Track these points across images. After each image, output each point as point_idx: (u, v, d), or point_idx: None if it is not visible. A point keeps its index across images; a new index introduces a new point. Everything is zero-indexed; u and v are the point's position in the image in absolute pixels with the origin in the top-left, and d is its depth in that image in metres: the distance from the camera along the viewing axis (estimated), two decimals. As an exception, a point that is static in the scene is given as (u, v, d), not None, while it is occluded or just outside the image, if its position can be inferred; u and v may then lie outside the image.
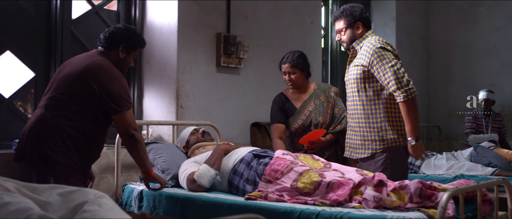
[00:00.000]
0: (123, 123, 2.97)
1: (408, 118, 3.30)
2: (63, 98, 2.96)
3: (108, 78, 2.95)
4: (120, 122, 2.97)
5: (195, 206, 3.26)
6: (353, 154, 3.57)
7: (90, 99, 2.95)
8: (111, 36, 3.09)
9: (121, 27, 3.13)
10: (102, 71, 2.96)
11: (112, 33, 3.09)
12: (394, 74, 3.28)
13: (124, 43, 3.09)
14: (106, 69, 2.97)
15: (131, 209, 3.65)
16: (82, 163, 3.04)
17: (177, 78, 4.44)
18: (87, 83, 2.94)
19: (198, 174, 3.39)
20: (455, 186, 2.78)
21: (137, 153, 3.09)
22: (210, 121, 4.57)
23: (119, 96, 2.95)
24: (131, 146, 3.04)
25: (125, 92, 2.99)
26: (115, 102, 2.94)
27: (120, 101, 2.95)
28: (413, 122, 3.30)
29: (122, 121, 2.97)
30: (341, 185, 2.90)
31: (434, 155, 5.28)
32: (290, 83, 4.01)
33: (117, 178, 3.77)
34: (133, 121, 3.03)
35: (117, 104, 2.94)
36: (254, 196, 3.09)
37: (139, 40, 3.17)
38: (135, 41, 3.14)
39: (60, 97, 2.97)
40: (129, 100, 3.02)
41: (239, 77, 4.98)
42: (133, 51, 3.15)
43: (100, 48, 3.11)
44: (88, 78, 2.94)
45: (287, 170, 3.16)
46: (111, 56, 3.09)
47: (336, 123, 4.03)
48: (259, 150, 3.54)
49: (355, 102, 3.51)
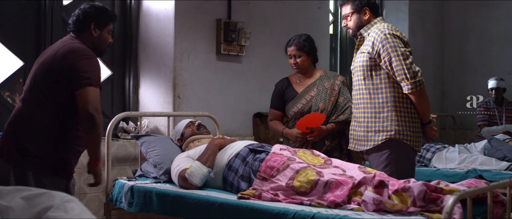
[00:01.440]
0: (83, 100, 2.73)
1: (418, 107, 3.20)
2: (40, 88, 2.81)
3: (78, 57, 2.77)
4: (80, 98, 2.74)
5: (186, 204, 3.07)
6: (357, 146, 3.38)
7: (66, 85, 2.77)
8: (79, 18, 2.93)
9: (87, 6, 2.96)
10: (74, 52, 2.79)
11: (79, 15, 2.93)
12: (402, 64, 3.08)
13: (94, 21, 2.93)
14: (78, 50, 2.81)
15: (121, 205, 3.48)
16: (64, 156, 2.85)
17: (174, 67, 4.24)
18: (60, 68, 2.78)
19: (190, 172, 3.19)
20: (464, 186, 2.55)
21: (92, 138, 2.80)
22: (210, 111, 4.36)
23: (84, 71, 2.74)
24: (87, 128, 2.77)
25: (92, 70, 2.78)
26: (78, 76, 2.74)
27: (83, 75, 2.74)
28: (423, 110, 3.21)
29: (82, 97, 2.73)
30: (340, 185, 2.69)
31: (445, 148, 5.02)
32: (295, 66, 3.85)
33: (108, 172, 3.60)
34: (96, 101, 2.76)
35: (80, 78, 2.74)
36: (247, 195, 2.89)
37: (108, 14, 3.01)
38: (105, 16, 2.98)
39: (37, 88, 2.82)
40: (96, 78, 2.78)
41: (240, 65, 4.76)
42: (105, 26, 2.97)
43: (72, 33, 2.94)
44: (61, 62, 2.79)
45: (283, 167, 2.95)
46: (85, 38, 2.93)
47: (339, 113, 3.81)
48: (255, 145, 3.33)
49: (361, 91, 3.31)
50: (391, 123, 3.19)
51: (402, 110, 3.20)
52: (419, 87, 3.10)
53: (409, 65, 3.09)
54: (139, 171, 3.74)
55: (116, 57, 4.39)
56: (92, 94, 2.75)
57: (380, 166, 3.26)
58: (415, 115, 3.23)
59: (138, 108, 4.45)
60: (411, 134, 3.21)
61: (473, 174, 4.43)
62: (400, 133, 3.18)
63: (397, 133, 3.18)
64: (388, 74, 3.18)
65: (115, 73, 4.39)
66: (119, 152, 3.93)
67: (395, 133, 3.19)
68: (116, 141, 3.95)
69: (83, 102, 2.73)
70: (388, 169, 3.23)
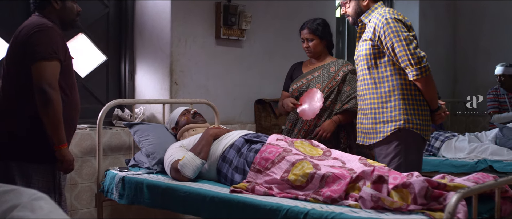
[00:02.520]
0: (36, 75, 2.55)
1: (425, 94, 3.05)
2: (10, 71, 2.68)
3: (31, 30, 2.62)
4: (33, 73, 2.57)
5: (176, 197, 2.93)
6: (366, 140, 3.22)
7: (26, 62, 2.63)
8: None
9: None
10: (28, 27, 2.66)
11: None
12: (405, 50, 2.91)
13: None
14: (32, 23, 2.66)
15: (112, 197, 3.34)
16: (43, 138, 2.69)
17: (171, 52, 4.07)
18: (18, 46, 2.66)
19: (182, 164, 3.04)
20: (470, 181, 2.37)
21: (47, 117, 2.60)
22: (209, 98, 4.20)
23: (36, 45, 2.58)
24: (40, 105, 2.59)
25: (45, 42, 2.59)
26: (31, 50, 2.58)
27: (36, 49, 2.58)
28: (431, 97, 3.06)
29: (35, 72, 2.56)
30: (337, 179, 2.52)
31: (455, 136, 4.81)
32: (307, 50, 3.77)
33: (99, 162, 3.45)
34: (51, 76, 2.58)
35: (33, 52, 2.58)
36: (239, 189, 2.74)
37: None
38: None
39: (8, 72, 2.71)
40: (50, 51, 2.59)
41: (241, 50, 4.58)
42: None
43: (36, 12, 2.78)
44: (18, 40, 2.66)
45: (278, 159, 2.79)
46: (49, 13, 2.77)
47: (344, 102, 3.65)
48: (251, 135, 3.17)
49: (365, 81, 3.14)
50: (399, 112, 3.03)
51: (410, 98, 3.04)
52: (425, 73, 2.93)
53: (413, 50, 2.91)
54: (133, 161, 3.60)
55: (111, 42, 4.23)
56: (46, 68, 2.58)
57: (388, 157, 3.11)
58: (423, 102, 3.08)
59: (134, 95, 4.30)
60: (421, 123, 3.06)
61: (483, 164, 4.23)
62: (409, 122, 3.02)
63: (406, 122, 3.03)
64: (393, 61, 3.01)
65: (110, 59, 4.23)
66: (112, 141, 3.79)
67: (404, 122, 3.03)
68: (109, 130, 3.80)
69: (36, 77, 2.57)
70: (396, 160, 3.09)
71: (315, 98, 3.56)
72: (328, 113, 3.68)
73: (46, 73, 2.57)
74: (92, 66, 4.13)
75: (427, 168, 4.46)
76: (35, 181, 2.66)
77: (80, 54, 4.03)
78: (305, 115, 3.59)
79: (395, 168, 3.06)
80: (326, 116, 3.67)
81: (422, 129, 3.04)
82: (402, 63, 2.94)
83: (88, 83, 4.10)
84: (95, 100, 4.09)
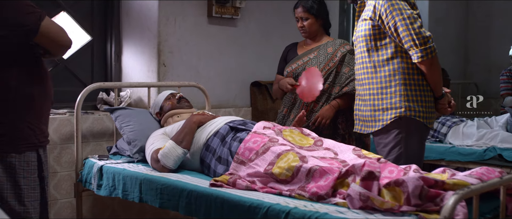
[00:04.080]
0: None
1: (428, 78, 2.78)
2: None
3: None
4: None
5: (154, 189, 2.71)
6: (364, 128, 2.98)
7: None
8: None
9: None
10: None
11: None
12: (409, 29, 2.65)
13: None
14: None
15: (90, 187, 3.14)
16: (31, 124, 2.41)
17: (159, 32, 3.82)
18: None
19: (163, 153, 2.81)
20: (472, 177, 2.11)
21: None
22: (200, 81, 3.96)
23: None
24: None
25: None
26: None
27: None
28: (435, 82, 2.79)
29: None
30: (324, 174, 2.27)
31: (463, 122, 4.52)
32: (302, 30, 3.51)
33: (77, 150, 3.23)
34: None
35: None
36: (220, 182, 2.50)
37: None
38: None
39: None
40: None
41: (236, 29, 4.31)
42: None
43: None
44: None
45: (263, 149, 2.54)
46: None
47: (343, 84, 3.39)
48: (237, 122, 2.93)
49: (364, 64, 2.89)
50: (400, 99, 2.78)
51: (412, 83, 2.78)
52: (431, 55, 2.67)
53: (418, 29, 2.65)
54: (114, 148, 3.39)
55: (96, 20, 3.98)
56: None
57: (387, 147, 2.87)
58: (427, 87, 2.82)
59: (121, 77, 4.06)
60: (423, 109, 2.81)
61: (492, 152, 3.95)
62: (410, 109, 2.77)
63: (408, 110, 2.77)
64: (395, 43, 2.75)
65: (95, 39, 3.99)
66: (94, 127, 3.56)
67: (405, 109, 2.78)
68: (91, 115, 3.57)
69: None
70: (396, 151, 2.84)
71: (316, 78, 3.31)
72: (326, 97, 3.43)
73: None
74: (75, 47, 3.89)
75: (432, 155, 4.19)
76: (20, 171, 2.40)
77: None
78: (305, 97, 3.35)
79: (394, 158, 2.83)
80: (324, 100, 3.42)
81: (425, 116, 2.79)
82: (406, 44, 2.68)
83: (71, 65, 3.87)
84: (79, 83, 3.86)
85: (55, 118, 3.37)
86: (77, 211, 3.27)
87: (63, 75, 3.82)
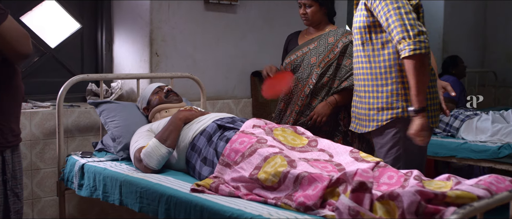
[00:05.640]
0: None
1: (411, 79, 2.40)
2: None
3: None
4: None
5: (133, 192, 2.52)
6: (359, 127, 2.76)
7: None
8: None
9: None
10: None
11: None
12: (401, 19, 2.39)
13: None
14: None
15: (72, 186, 2.95)
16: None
17: (151, 19, 3.59)
18: None
19: (145, 153, 2.61)
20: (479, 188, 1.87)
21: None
22: (196, 71, 3.74)
23: None
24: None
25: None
26: None
27: None
28: (418, 86, 2.39)
29: None
30: (313, 182, 2.04)
31: (477, 115, 4.22)
32: (304, 17, 3.24)
33: (59, 146, 3.03)
34: None
35: None
36: (202, 187, 2.29)
37: None
38: None
39: None
40: None
41: (235, 16, 4.06)
42: None
43: None
44: None
45: (249, 152, 2.32)
46: None
47: (342, 78, 3.14)
48: (225, 119, 2.70)
49: (360, 58, 2.66)
50: (396, 98, 2.54)
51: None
52: (424, 50, 2.35)
53: (413, 20, 2.37)
54: (100, 144, 3.19)
55: (86, 6, 3.75)
56: None
57: (384, 148, 2.65)
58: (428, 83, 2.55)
59: (113, 67, 3.85)
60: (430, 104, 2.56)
61: (506, 150, 3.66)
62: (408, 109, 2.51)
63: (405, 111, 2.53)
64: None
65: (85, 27, 3.77)
66: (81, 121, 3.36)
67: (403, 110, 2.55)
68: (77, 108, 3.37)
69: None
70: (394, 151, 2.63)
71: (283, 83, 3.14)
72: (326, 91, 3.18)
73: None
74: (63, 35, 3.68)
75: (442, 152, 3.92)
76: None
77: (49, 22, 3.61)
78: (264, 91, 3.21)
79: (393, 160, 2.60)
80: (324, 94, 3.18)
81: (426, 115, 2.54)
82: (397, 35, 2.38)
83: (59, 54, 3.67)
84: (68, 74, 3.66)
85: (37, 112, 3.18)
86: (60, 211, 3.09)
87: (50, 65, 3.62)
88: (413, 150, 2.60)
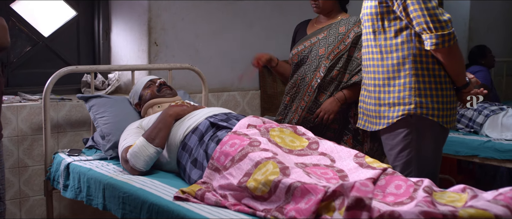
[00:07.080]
0: None
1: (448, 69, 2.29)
2: None
3: None
4: None
5: (116, 197, 2.30)
6: (367, 124, 2.53)
7: None
8: None
9: None
10: None
11: None
12: (422, 9, 2.17)
13: None
14: None
15: (58, 186, 2.75)
16: None
17: (149, 6, 3.37)
18: None
19: (132, 153, 2.39)
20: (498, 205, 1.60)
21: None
22: (199, 62, 3.52)
23: None
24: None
25: None
26: None
27: None
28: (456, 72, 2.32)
29: None
30: (306, 194, 1.79)
31: (503, 110, 3.89)
32: (315, 5, 2.98)
33: (46, 143, 2.84)
34: None
35: None
36: (187, 194, 2.06)
37: None
38: None
39: None
40: None
41: (242, 2, 3.81)
42: None
43: None
44: None
45: (239, 156, 2.08)
46: None
47: (353, 72, 2.87)
48: (219, 117, 2.46)
49: (369, 48, 2.42)
50: (409, 93, 2.30)
51: (425, 73, 2.30)
52: (449, 43, 2.16)
53: (433, 10, 2.14)
54: (91, 141, 2.98)
55: (81, -7, 3.56)
56: None
57: (395, 150, 2.41)
58: (445, 78, 2.32)
59: (110, 57, 3.64)
60: (439, 107, 2.33)
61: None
62: (422, 106, 2.30)
63: (418, 107, 2.29)
64: (406, 24, 2.26)
65: (81, 14, 3.57)
66: (72, 115, 3.17)
67: (416, 106, 2.30)
68: (69, 101, 3.17)
69: None
70: (405, 154, 2.38)
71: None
72: (335, 86, 2.91)
73: None
74: (58, 23, 3.48)
75: (464, 150, 3.61)
76: None
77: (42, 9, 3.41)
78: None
79: (404, 164, 2.35)
80: (332, 89, 2.90)
81: (442, 115, 2.29)
82: (417, 26, 2.18)
83: (54, 43, 3.46)
84: (64, 64, 3.45)
85: (24, 105, 2.99)
86: (47, 212, 2.90)
87: (43, 55, 3.43)
88: (426, 154, 2.36)
